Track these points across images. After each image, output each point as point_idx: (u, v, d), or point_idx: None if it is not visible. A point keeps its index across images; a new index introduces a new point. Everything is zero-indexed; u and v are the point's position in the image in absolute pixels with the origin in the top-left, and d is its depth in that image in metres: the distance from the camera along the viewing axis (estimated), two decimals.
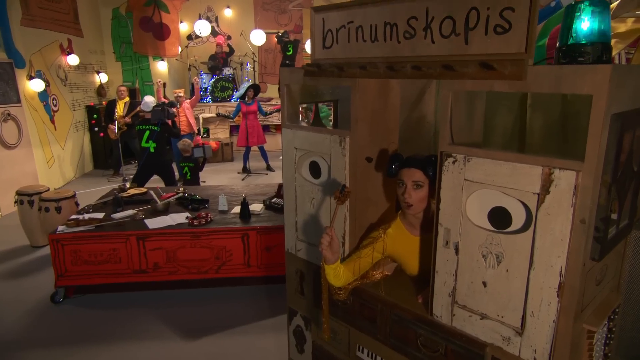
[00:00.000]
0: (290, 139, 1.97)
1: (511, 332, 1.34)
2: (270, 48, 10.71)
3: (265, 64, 10.84)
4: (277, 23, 10.76)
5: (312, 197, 1.93)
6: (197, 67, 9.89)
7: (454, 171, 1.39)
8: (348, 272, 1.72)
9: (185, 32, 10.10)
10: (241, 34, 10.14)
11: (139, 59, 9.32)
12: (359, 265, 1.73)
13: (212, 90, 9.61)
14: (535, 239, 1.23)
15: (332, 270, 1.65)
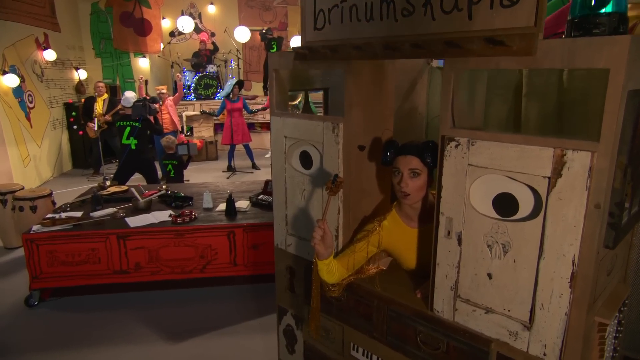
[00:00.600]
0: (280, 127, 1.86)
1: (519, 327, 1.26)
2: (255, 45, 10.57)
3: (250, 61, 10.70)
4: (261, 20, 10.63)
5: (302, 189, 1.83)
6: (180, 64, 9.70)
7: (457, 156, 1.30)
8: (342, 268, 1.62)
9: (168, 29, 9.89)
10: (225, 30, 9.98)
11: (120, 55, 9.09)
12: (353, 260, 1.63)
13: (196, 87, 9.43)
14: (545, 226, 1.16)
15: (325, 266, 1.55)
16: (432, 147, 1.48)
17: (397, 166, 1.53)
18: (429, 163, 1.49)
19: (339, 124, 1.63)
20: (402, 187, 1.50)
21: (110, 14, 8.73)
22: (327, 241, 1.49)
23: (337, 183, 1.46)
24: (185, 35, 10.05)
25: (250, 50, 10.70)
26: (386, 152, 1.55)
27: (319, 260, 1.53)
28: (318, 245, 1.48)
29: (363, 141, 1.70)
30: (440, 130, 1.36)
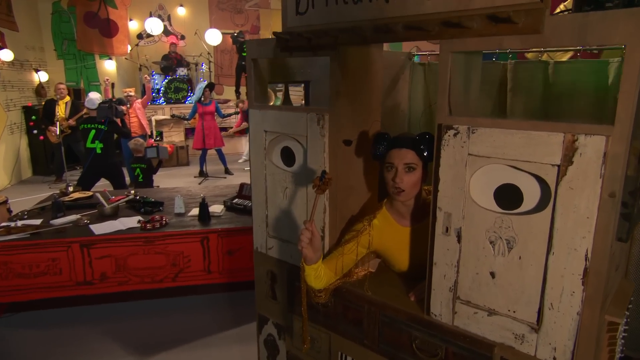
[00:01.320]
0: (259, 121, 1.73)
1: (525, 329, 1.17)
2: (227, 49, 10.37)
3: (222, 64, 10.49)
4: (233, 23, 10.45)
5: (284, 187, 1.71)
6: (148, 67, 9.40)
7: (456, 145, 1.21)
8: (330, 272, 1.50)
9: (136, 31, 9.58)
10: (195, 33, 9.75)
11: (84, 57, 8.72)
12: (341, 262, 1.52)
13: (165, 91, 9.15)
14: (554, 218, 1.07)
15: (313, 271, 1.43)
16: (428, 139, 1.38)
17: (390, 161, 1.42)
18: (425, 156, 1.39)
19: (325, 115, 1.51)
20: (397, 183, 1.40)
21: (73, 13, 8.37)
22: (315, 244, 1.37)
23: (325, 180, 1.34)
24: (154, 38, 9.75)
25: (222, 54, 10.49)
26: (378, 145, 1.44)
27: (307, 265, 1.41)
28: (306, 249, 1.35)
29: (350, 134, 1.59)
30: (436, 118, 1.27)
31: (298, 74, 2.00)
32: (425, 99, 2.49)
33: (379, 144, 1.44)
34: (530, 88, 2.17)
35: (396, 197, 1.44)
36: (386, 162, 1.44)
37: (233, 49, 10.09)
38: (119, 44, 8.45)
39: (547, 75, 2.13)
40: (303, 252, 1.36)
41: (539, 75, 2.16)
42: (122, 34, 8.47)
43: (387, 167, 1.44)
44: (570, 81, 2.06)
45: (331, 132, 1.52)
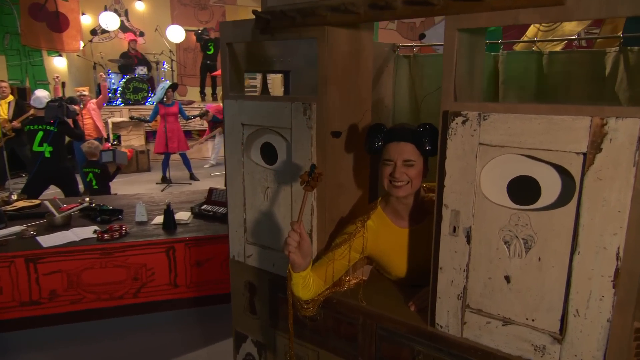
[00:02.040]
0: (235, 113, 1.60)
1: (547, 339, 1.08)
2: (190, 47, 10.14)
3: (185, 64, 10.23)
4: (196, 19, 10.22)
5: (265, 187, 1.58)
6: (104, 66, 9.04)
7: (465, 134, 1.12)
8: (319, 280, 1.39)
9: (89, 26, 9.22)
10: (156, 29, 9.47)
11: (30, 53, 8.28)
12: (332, 269, 1.40)
13: (123, 91, 8.81)
14: (580, 213, 0.99)
15: (301, 280, 1.31)
16: (431, 132, 1.29)
17: (388, 157, 1.32)
18: (427, 151, 1.30)
19: (312, 105, 1.40)
20: (397, 179, 1.30)
21: (16, 4, 7.92)
22: (304, 248, 1.25)
23: (314, 175, 1.23)
24: (110, 34, 9.41)
25: (185, 52, 10.24)
26: (374, 138, 1.34)
27: (295, 273, 1.28)
28: (294, 254, 1.23)
29: (339, 126, 1.48)
30: (441, 104, 1.18)
31: (277, 63, 1.88)
32: (411, 93, 2.43)
33: (375, 138, 1.34)
34: (523, 80, 2.14)
35: (395, 194, 1.34)
36: (384, 158, 1.34)
37: (197, 47, 9.87)
38: (69, 40, 8.06)
39: (542, 66, 2.10)
40: (290, 258, 1.24)
41: (532, 67, 2.12)
42: (73, 29, 8.10)
43: (384, 162, 1.34)
44: (566, 72, 2.03)
45: (319, 124, 1.41)
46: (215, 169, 7.95)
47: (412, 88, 2.43)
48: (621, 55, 1.88)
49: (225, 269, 3.23)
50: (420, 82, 2.41)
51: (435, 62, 2.36)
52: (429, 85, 2.39)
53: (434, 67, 2.37)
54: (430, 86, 2.39)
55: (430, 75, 2.39)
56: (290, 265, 1.27)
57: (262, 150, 1.59)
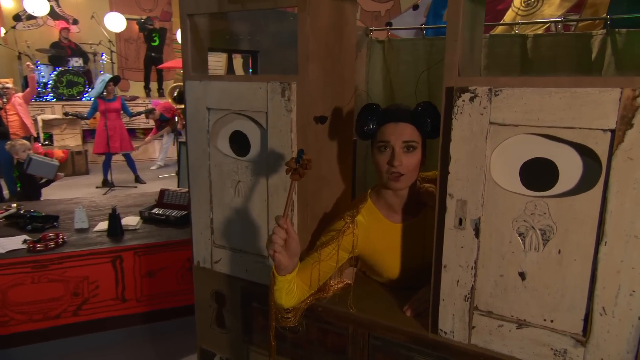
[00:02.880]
0: (199, 96, 1.46)
1: (568, 342, 1.02)
2: (132, 37, 9.72)
3: (127, 56, 9.79)
4: (139, 7, 9.82)
5: (236, 181, 1.44)
6: (31, 56, 8.47)
7: (473, 113, 1.04)
8: (303, 285, 1.27)
9: (12, 10, 8.62)
10: (92, 16, 8.99)
11: None
12: (317, 272, 1.29)
13: (55, 85, 8.28)
14: (607, 198, 0.93)
15: (286, 284, 1.19)
16: (433, 110, 1.20)
17: (384, 139, 1.22)
18: (429, 132, 1.21)
19: (291, 85, 1.28)
20: (396, 167, 1.20)
21: None
22: (292, 247, 1.13)
23: (303, 161, 1.11)
24: (37, 20, 8.85)
25: (127, 43, 9.80)
26: (366, 120, 1.24)
27: (280, 276, 1.16)
28: (280, 254, 1.11)
29: (322, 109, 1.38)
30: (444, 80, 1.09)
31: (244, 42, 1.75)
32: (386, 80, 2.36)
33: (368, 119, 1.24)
34: (507, 64, 2.11)
35: (394, 186, 1.24)
36: (379, 141, 1.24)
37: (140, 38, 9.47)
38: None
39: (526, 50, 2.08)
40: (276, 258, 1.11)
41: (516, 50, 2.10)
42: None
43: (379, 147, 1.24)
44: (551, 56, 2.02)
45: (300, 106, 1.30)
46: (164, 170, 7.63)
47: (386, 75, 2.37)
48: (608, 38, 1.88)
49: (182, 279, 3.05)
50: (396, 68, 2.35)
51: (412, 47, 2.30)
52: (406, 72, 2.33)
53: (411, 53, 2.31)
54: (407, 73, 2.33)
55: (408, 62, 2.33)
56: (274, 267, 1.15)
57: (232, 140, 1.46)
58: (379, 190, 1.34)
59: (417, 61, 2.31)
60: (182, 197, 3.36)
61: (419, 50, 2.29)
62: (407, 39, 2.44)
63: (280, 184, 1.34)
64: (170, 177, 7.10)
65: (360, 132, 1.26)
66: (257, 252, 1.44)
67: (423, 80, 2.32)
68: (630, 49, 1.84)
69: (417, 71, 2.31)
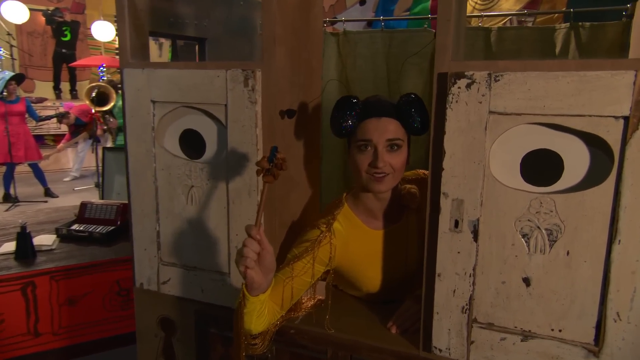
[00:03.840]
0: (141, 87, 1.31)
1: (579, 353, 0.99)
2: (37, 31, 9.08)
3: (31, 52, 9.13)
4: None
5: (189, 186, 1.31)
6: None
7: (470, 101, 0.99)
8: (274, 305, 1.16)
9: None
10: None
11: None
12: (290, 290, 1.19)
13: None
14: (620, 192, 0.91)
15: (258, 306, 1.07)
16: (419, 103, 1.15)
17: (366, 137, 1.15)
18: (416, 128, 1.15)
19: (255, 73, 1.18)
20: (380, 167, 1.13)
21: None
22: (266, 261, 1.01)
23: (277, 161, 1.01)
24: None
25: (31, 37, 9.13)
26: (345, 115, 1.15)
27: (252, 297, 1.04)
28: (252, 271, 0.99)
29: (290, 102, 1.28)
30: (435, 65, 1.04)
31: (190, 27, 1.62)
32: (342, 76, 2.31)
33: (346, 114, 1.15)
34: (470, 58, 2.13)
35: (376, 188, 1.17)
36: (359, 140, 1.16)
37: (47, 32, 8.87)
38: None
39: (490, 44, 2.11)
40: (248, 276, 0.99)
41: (480, 44, 2.13)
42: None
43: (360, 146, 1.16)
44: (516, 49, 2.06)
45: (266, 97, 1.19)
46: (80, 182, 7.15)
47: (342, 70, 2.32)
48: (572, 31, 1.94)
49: (111, 305, 2.80)
50: (353, 62, 2.31)
51: (370, 40, 2.27)
52: (364, 66, 2.29)
53: (369, 47, 2.28)
54: (365, 68, 2.30)
55: (365, 56, 2.29)
56: (245, 286, 1.03)
57: (183, 139, 1.32)
58: (357, 194, 1.26)
59: (376, 55, 2.28)
60: (109, 211, 3.10)
61: (377, 43, 2.26)
62: (364, 31, 2.41)
63: (244, 187, 1.22)
64: (88, 189, 6.67)
65: (337, 129, 1.17)
66: (216, 269, 1.31)
67: (382, 77, 2.30)
68: (594, 43, 1.90)
69: (376, 66, 2.28)
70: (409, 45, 2.18)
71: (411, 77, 2.23)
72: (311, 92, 1.39)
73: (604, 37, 1.87)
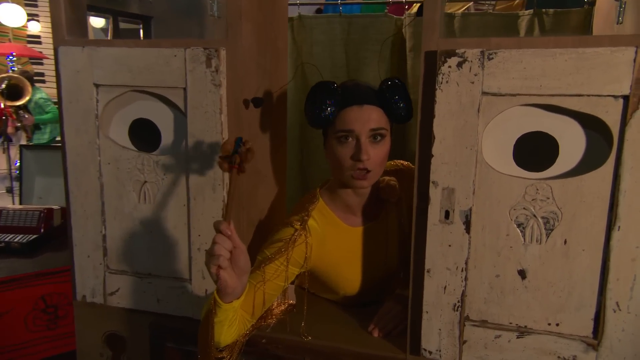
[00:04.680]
0: (82, 68, 1.20)
1: (577, 347, 0.98)
2: None
3: None
4: None
5: (141, 182, 1.21)
6: None
7: (462, 81, 0.96)
8: (244, 313, 1.09)
9: None
10: None
11: None
12: (262, 296, 1.12)
13: None
14: (620, 176, 0.91)
15: (231, 314, 0.99)
16: (402, 88, 1.11)
17: (347, 127, 1.09)
18: (400, 116, 1.12)
19: (219, 52, 1.10)
20: (364, 161, 1.08)
21: None
22: (240, 261, 0.94)
23: (243, 151, 0.95)
24: None
25: None
26: (323, 103, 1.09)
27: (225, 304, 0.96)
28: (225, 273, 0.92)
29: (258, 87, 1.21)
30: (423, 43, 1.00)
31: (134, 3, 1.50)
32: (297, 64, 2.26)
33: (325, 102, 1.09)
34: None
35: (358, 184, 1.12)
36: (339, 130, 1.10)
37: None
38: None
39: (454, 30, 2.13)
40: (221, 279, 0.91)
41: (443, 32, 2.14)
42: None
43: (340, 137, 1.10)
44: (479, 36, 2.09)
45: (231, 80, 1.12)
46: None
47: (297, 58, 2.27)
48: (535, 18, 1.98)
49: (35, 324, 2.59)
50: (309, 49, 2.26)
51: (328, 25, 2.23)
52: (321, 53, 2.25)
53: (326, 32, 2.23)
54: (322, 55, 2.25)
55: (322, 42, 2.25)
56: (217, 291, 0.95)
57: (133, 130, 1.22)
58: (334, 189, 1.21)
59: (334, 42, 2.24)
60: (30, 217, 2.87)
61: (335, 29, 2.22)
62: (320, 15, 2.37)
63: (207, 182, 1.14)
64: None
65: (314, 118, 1.11)
66: (174, 275, 1.22)
67: (341, 65, 2.26)
68: (557, 29, 1.95)
69: (334, 53, 2.25)
70: (370, 32, 2.16)
71: (372, 65, 2.20)
72: (277, 76, 1.32)
73: (567, 24, 1.93)
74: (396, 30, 2.18)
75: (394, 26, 2.17)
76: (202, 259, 1.17)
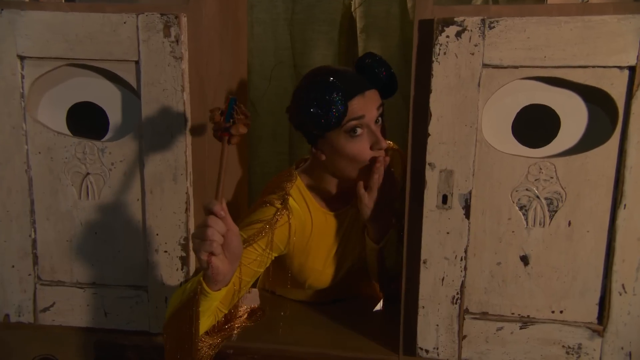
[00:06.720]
0: (1, 36, 1.05)
1: (583, 335, 0.99)
2: None
3: None
4: None
5: (83, 174, 1.08)
6: None
7: (461, 53, 0.94)
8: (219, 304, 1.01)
9: None
10: None
11: None
12: (238, 283, 1.04)
13: None
14: (625, 151, 0.93)
15: (216, 302, 0.92)
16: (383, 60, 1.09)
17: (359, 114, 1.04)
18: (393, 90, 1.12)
19: (180, 18, 1.00)
20: (383, 146, 1.07)
21: None
22: (232, 246, 0.86)
23: (237, 114, 0.88)
24: None
25: None
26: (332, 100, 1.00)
27: (213, 292, 0.88)
28: (218, 258, 0.84)
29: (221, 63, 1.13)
30: (416, 11, 0.97)
31: None
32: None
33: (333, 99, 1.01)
34: (387, 27, 2.12)
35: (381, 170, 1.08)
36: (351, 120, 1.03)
37: None
38: None
39: (406, 10, 2.13)
40: (213, 265, 0.83)
41: (395, 10, 2.13)
42: None
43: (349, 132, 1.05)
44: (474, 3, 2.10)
45: (194, 52, 1.02)
46: None
47: None
48: None
49: None
50: (250, 30, 2.17)
51: (269, 3, 2.15)
52: (262, 35, 2.17)
53: (268, 10, 2.16)
54: (265, 36, 2.18)
55: (264, 22, 2.17)
56: (204, 278, 0.86)
57: (76, 110, 1.09)
58: (320, 175, 1.15)
59: (277, 22, 2.16)
60: None
61: (278, 7, 2.15)
62: None
63: (167, 171, 1.04)
64: None
65: (327, 121, 1.01)
66: (125, 283, 1.10)
67: (285, 47, 2.19)
68: None
69: (277, 34, 2.17)
70: (316, 11, 2.11)
71: (320, 47, 2.15)
72: (239, 52, 1.24)
73: None
74: (344, 9, 2.15)
75: (342, 5, 2.14)
76: (161, 261, 1.07)
